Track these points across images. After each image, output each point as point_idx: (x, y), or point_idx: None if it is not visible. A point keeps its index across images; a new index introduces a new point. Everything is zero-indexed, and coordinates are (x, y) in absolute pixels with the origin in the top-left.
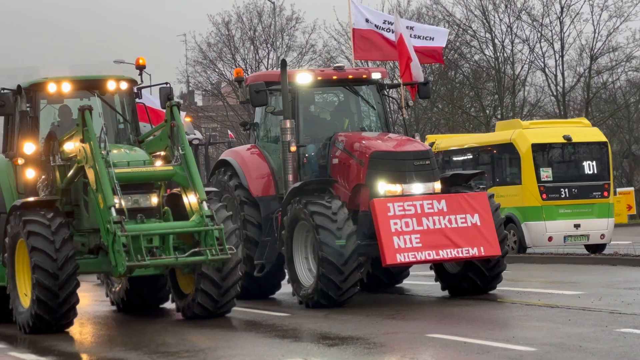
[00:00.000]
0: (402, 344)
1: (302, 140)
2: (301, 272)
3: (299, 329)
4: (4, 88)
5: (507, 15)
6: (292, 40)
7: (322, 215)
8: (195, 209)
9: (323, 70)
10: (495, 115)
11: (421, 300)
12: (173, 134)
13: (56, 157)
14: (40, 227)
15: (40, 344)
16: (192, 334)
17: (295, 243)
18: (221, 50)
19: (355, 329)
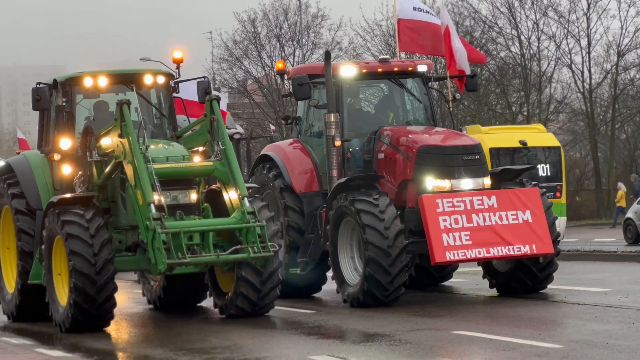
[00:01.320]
0: (427, 341)
1: (346, 135)
2: (346, 270)
3: (323, 325)
4: (40, 82)
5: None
6: (318, 37)
7: (369, 213)
8: (236, 205)
9: (368, 62)
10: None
11: (454, 298)
12: (213, 128)
13: (93, 153)
14: (74, 215)
15: (71, 340)
16: (231, 332)
17: (340, 240)
18: (247, 47)
19: (380, 326)
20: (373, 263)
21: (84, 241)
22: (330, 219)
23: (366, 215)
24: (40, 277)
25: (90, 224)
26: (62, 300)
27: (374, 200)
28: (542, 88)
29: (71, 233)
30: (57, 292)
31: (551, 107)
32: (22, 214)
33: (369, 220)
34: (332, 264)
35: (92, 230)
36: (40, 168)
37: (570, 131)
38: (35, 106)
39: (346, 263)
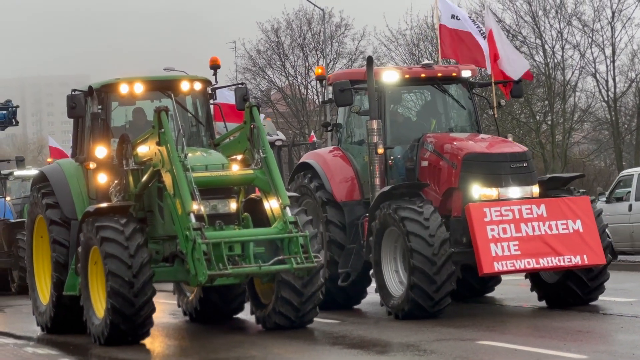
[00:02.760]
0: (452, 351)
1: (388, 142)
2: (390, 281)
3: (348, 335)
4: (75, 89)
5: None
6: (342, 47)
7: (414, 221)
8: (277, 215)
9: (411, 67)
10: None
11: (479, 308)
12: (253, 135)
13: (129, 161)
14: (113, 232)
15: (97, 350)
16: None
17: (383, 250)
18: (270, 57)
19: (405, 335)
20: (418, 271)
21: (119, 243)
22: (374, 229)
23: (410, 222)
24: (75, 289)
25: (126, 228)
26: (99, 312)
27: (418, 207)
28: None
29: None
30: (93, 304)
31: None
32: (56, 225)
33: (413, 228)
34: (375, 274)
35: (128, 233)
36: (74, 177)
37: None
38: (70, 113)
39: (390, 274)
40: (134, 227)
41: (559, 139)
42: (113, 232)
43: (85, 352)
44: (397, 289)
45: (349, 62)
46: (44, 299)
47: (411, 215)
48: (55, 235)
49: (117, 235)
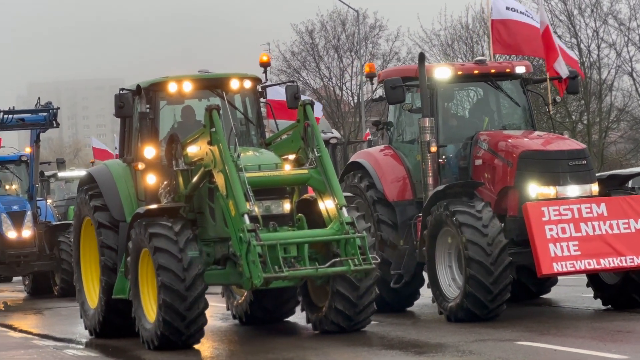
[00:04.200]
0: (491, 352)
1: (441, 140)
2: (444, 282)
3: (386, 336)
4: (123, 88)
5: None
6: (376, 48)
7: (466, 214)
8: (333, 215)
9: (463, 64)
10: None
11: (515, 308)
12: (307, 134)
13: (179, 162)
14: (162, 228)
15: (144, 355)
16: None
17: (438, 251)
18: (305, 58)
19: (443, 336)
20: (474, 263)
21: (173, 255)
22: (427, 229)
23: (468, 229)
24: (124, 292)
25: (179, 237)
26: (150, 316)
27: (476, 212)
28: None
29: (160, 247)
30: (144, 308)
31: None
32: (105, 228)
33: (465, 220)
34: (429, 276)
35: (182, 243)
36: (122, 178)
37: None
38: (118, 113)
39: (444, 276)
40: (183, 223)
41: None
42: (162, 228)
43: (124, 354)
44: (451, 290)
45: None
46: (92, 303)
47: (463, 209)
48: (104, 239)
49: (166, 230)
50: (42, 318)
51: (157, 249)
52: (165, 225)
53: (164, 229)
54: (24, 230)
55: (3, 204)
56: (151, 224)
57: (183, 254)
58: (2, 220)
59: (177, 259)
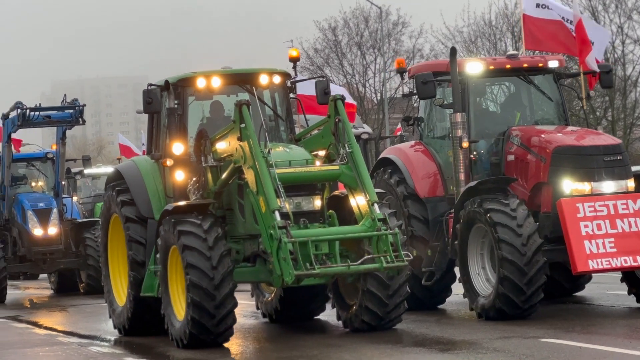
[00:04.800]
0: (515, 349)
1: (472, 136)
2: (476, 279)
3: (411, 333)
4: (151, 84)
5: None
6: (399, 45)
7: (499, 212)
8: (365, 212)
9: (495, 58)
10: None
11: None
12: (338, 130)
13: (208, 158)
14: (191, 226)
15: (168, 352)
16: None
17: (470, 248)
18: (328, 55)
19: (467, 333)
20: (507, 262)
21: (201, 253)
22: (459, 225)
23: (497, 214)
24: (153, 290)
25: (209, 235)
26: (179, 314)
27: (504, 200)
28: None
29: (188, 245)
30: (173, 306)
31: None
32: (132, 222)
33: (499, 219)
34: (460, 272)
35: (211, 241)
36: (150, 174)
37: None
38: (146, 109)
39: (476, 272)
40: (212, 220)
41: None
42: (191, 226)
43: (149, 350)
44: (484, 287)
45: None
46: (120, 301)
47: (497, 207)
48: (132, 233)
49: (195, 228)
50: (67, 315)
51: (185, 247)
52: (194, 223)
53: (192, 227)
54: (50, 228)
55: (29, 201)
56: (180, 221)
57: (212, 252)
58: (29, 217)
59: (206, 257)
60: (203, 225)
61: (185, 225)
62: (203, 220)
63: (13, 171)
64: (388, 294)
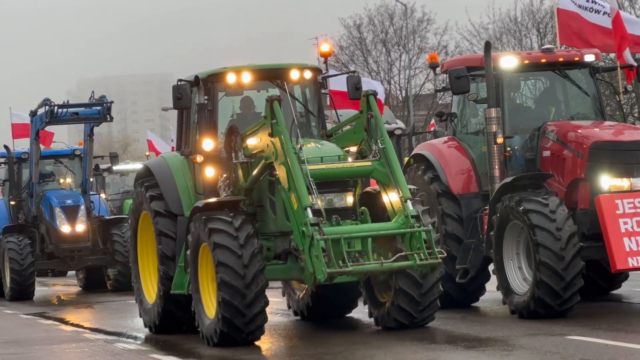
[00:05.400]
0: (541, 346)
1: (507, 131)
2: (513, 277)
3: (436, 330)
4: (181, 79)
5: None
6: (424, 42)
7: (539, 213)
8: (397, 208)
9: (530, 53)
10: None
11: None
12: (370, 125)
13: (239, 154)
14: (222, 223)
15: (195, 349)
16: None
17: (505, 245)
18: (353, 53)
19: (493, 330)
20: (544, 267)
21: (232, 252)
22: (494, 222)
23: (535, 215)
24: (183, 287)
25: (240, 233)
26: (210, 311)
27: (543, 199)
28: None
29: (219, 243)
30: (204, 303)
31: None
32: (161, 216)
33: (538, 221)
34: (496, 271)
35: (242, 239)
36: (180, 171)
37: None
38: (176, 104)
39: (512, 270)
40: (243, 218)
41: None
42: (222, 223)
43: (175, 347)
44: (520, 286)
45: None
46: (150, 298)
47: (536, 208)
48: (161, 227)
49: (226, 226)
50: (93, 312)
51: (216, 245)
52: (225, 221)
53: (224, 225)
54: (78, 225)
55: (57, 198)
56: (211, 219)
57: (243, 250)
58: (56, 214)
59: (237, 256)
60: (234, 222)
61: (216, 223)
62: (234, 218)
63: (41, 168)
64: (421, 293)
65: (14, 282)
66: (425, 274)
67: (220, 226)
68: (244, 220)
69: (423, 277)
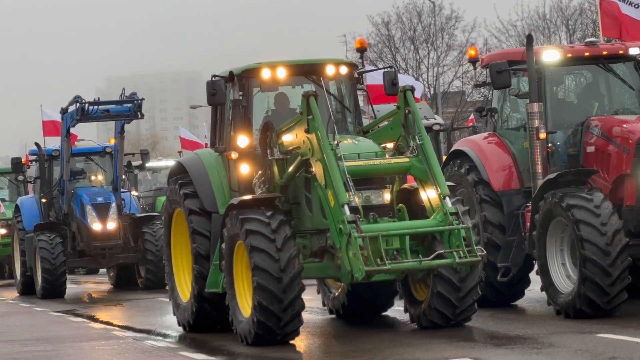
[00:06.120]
0: (571, 344)
1: (549, 127)
2: (557, 277)
3: (466, 327)
4: (215, 75)
5: None
6: (452, 39)
7: (582, 208)
8: (436, 205)
9: (573, 46)
10: None
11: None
12: (408, 121)
13: (274, 150)
14: (259, 225)
15: (224, 347)
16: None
17: (549, 244)
18: (381, 50)
19: (522, 328)
20: (590, 263)
21: (265, 236)
22: (537, 220)
23: (579, 210)
24: (218, 286)
25: (272, 220)
26: (245, 310)
27: (587, 195)
28: None
29: (251, 229)
30: (238, 301)
31: None
32: (196, 214)
33: (582, 216)
34: (539, 270)
35: (274, 225)
36: (214, 168)
37: None
38: (210, 100)
39: (556, 269)
40: (280, 219)
41: None
42: (259, 225)
43: (204, 345)
44: (565, 284)
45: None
46: (184, 297)
47: (579, 203)
48: (195, 225)
49: (263, 227)
50: (123, 310)
51: (253, 247)
52: (262, 222)
53: (260, 226)
54: (109, 223)
55: (88, 195)
56: (247, 219)
57: (280, 253)
58: (87, 212)
59: (274, 260)
60: (271, 224)
61: (253, 224)
62: (271, 219)
63: (72, 165)
64: (459, 297)
65: (45, 280)
66: (464, 277)
67: (257, 228)
68: (281, 222)
69: (461, 280)
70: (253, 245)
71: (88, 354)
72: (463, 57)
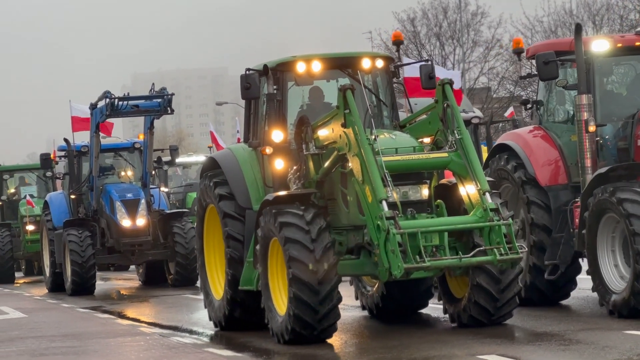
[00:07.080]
0: (599, 341)
1: (598, 119)
2: (609, 276)
3: (547, 332)
4: (249, 68)
5: None
6: (478, 35)
7: (635, 202)
8: (475, 201)
9: (623, 36)
10: None
11: None
12: (446, 115)
13: (309, 145)
14: (293, 217)
15: (250, 343)
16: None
17: (599, 241)
18: (407, 47)
19: (549, 324)
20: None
21: (299, 227)
22: (587, 216)
23: (632, 204)
24: (252, 283)
25: (306, 213)
26: (280, 308)
27: (638, 189)
28: None
29: (285, 222)
30: (274, 300)
31: None
32: (230, 218)
33: (635, 210)
34: (590, 268)
35: (308, 217)
36: (248, 163)
37: None
38: (244, 94)
39: (607, 267)
40: (314, 212)
41: None
42: (293, 217)
43: (231, 341)
44: (617, 283)
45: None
46: (217, 295)
47: (631, 197)
48: (230, 230)
49: (297, 219)
50: (150, 306)
51: (287, 239)
52: (296, 214)
53: (295, 218)
54: (138, 219)
55: (117, 192)
56: (281, 212)
57: (315, 244)
58: (117, 208)
59: (309, 250)
60: (305, 216)
61: (287, 217)
62: (305, 211)
63: (101, 161)
64: (499, 289)
65: (75, 276)
66: (504, 269)
67: (291, 220)
68: (316, 214)
69: (501, 272)
70: (287, 237)
71: (114, 350)
72: (489, 53)
